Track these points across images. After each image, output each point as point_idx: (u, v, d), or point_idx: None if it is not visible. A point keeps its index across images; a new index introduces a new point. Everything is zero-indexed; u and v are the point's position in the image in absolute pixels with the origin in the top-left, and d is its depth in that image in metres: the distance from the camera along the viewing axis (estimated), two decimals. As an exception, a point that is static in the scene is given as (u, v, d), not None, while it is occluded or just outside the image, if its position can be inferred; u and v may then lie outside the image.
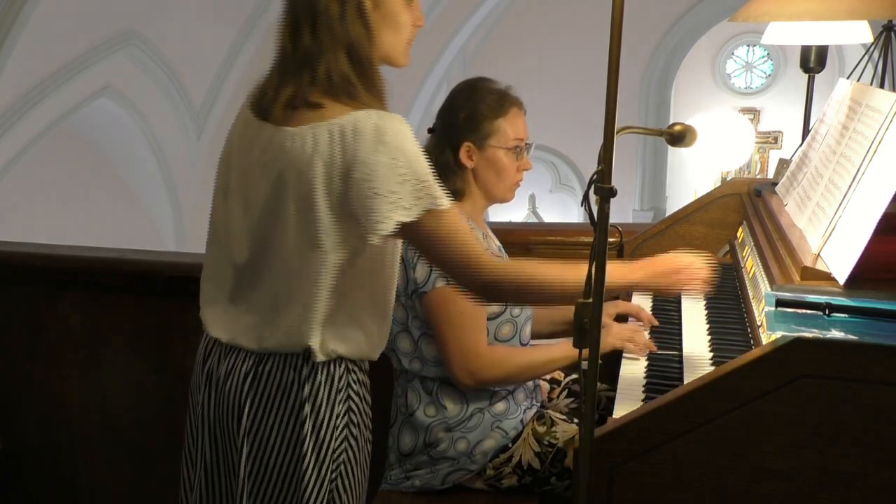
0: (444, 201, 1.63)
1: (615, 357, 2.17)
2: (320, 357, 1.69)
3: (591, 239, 1.49)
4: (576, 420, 2.21)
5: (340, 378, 1.74)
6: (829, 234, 1.87)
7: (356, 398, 1.76)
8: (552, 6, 9.61)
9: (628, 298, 2.56)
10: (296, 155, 1.61)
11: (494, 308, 2.11)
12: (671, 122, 2.78)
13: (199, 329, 1.88)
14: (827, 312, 1.67)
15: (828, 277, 1.77)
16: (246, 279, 1.74)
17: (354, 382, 1.76)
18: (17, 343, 2.84)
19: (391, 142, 1.57)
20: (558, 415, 2.23)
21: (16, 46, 5.31)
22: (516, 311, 2.15)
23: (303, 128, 1.61)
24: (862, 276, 1.70)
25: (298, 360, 1.71)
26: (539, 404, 2.26)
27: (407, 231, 1.61)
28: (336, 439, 1.74)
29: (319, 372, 1.72)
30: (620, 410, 1.78)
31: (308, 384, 1.70)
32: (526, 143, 2.15)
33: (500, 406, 2.14)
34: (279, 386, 1.71)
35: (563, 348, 2.15)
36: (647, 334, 2.20)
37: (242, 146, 1.73)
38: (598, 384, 2.24)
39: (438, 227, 1.63)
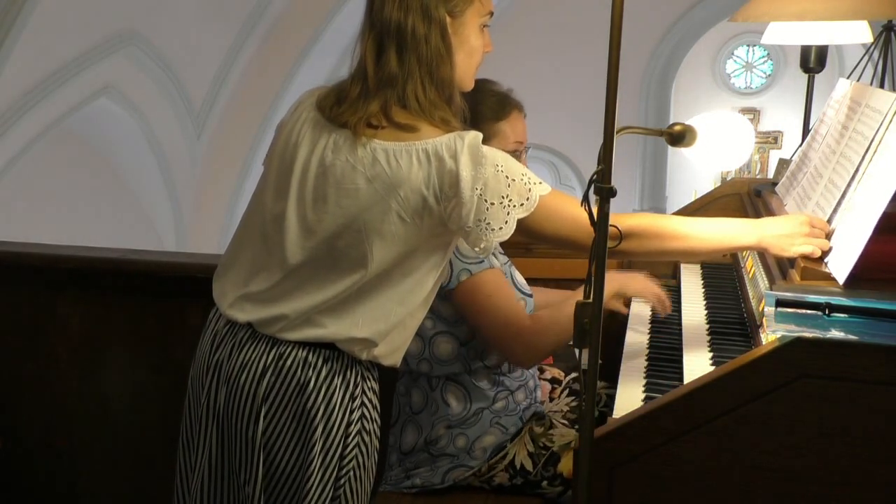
0: (546, 186, 1.72)
1: (615, 357, 2.17)
2: (363, 356, 1.73)
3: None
4: (577, 427, 2.21)
5: (356, 385, 1.76)
6: (829, 234, 1.87)
7: (369, 405, 1.79)
8: (552, 6, 9.61)
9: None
10: (390, 170, 1.65)
11: None
12: (671, 122, 2.78)
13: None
14: (827, 312, 1.67)
15: (828, 277, 1.77)
16: (298, 277, 1.73)
17: (368, 390, 1.79)
18: (18, 343, 2.84)
19: (487, 153, 1.66)
20: (560, 419, 2.22)
21: (15, 46, 5.31)
22: (521, 303, 2.15)
23: (398, 144, 1.66)
24: (862, 276, 1.70)
25: (318, 359, 1.72)
26: (539, 404, 2.26)
27: (524, 224, 1.70)
28: (348, 446, 1.75)
29: (336, 376, 1.73)
30: (621, 410, 1.78)
31: (324, 387, 1.72)
32: (525, 147, 2.16)
33: (499, 404, 2.14)
34: (296, 386, 1.72)
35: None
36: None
37: (309, 146, 1.73)
38: (598, 382, 2.24)
39: (550, 209, 1.71)
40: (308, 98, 1.80)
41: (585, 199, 1.53)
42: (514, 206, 1.68)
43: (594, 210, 1.48)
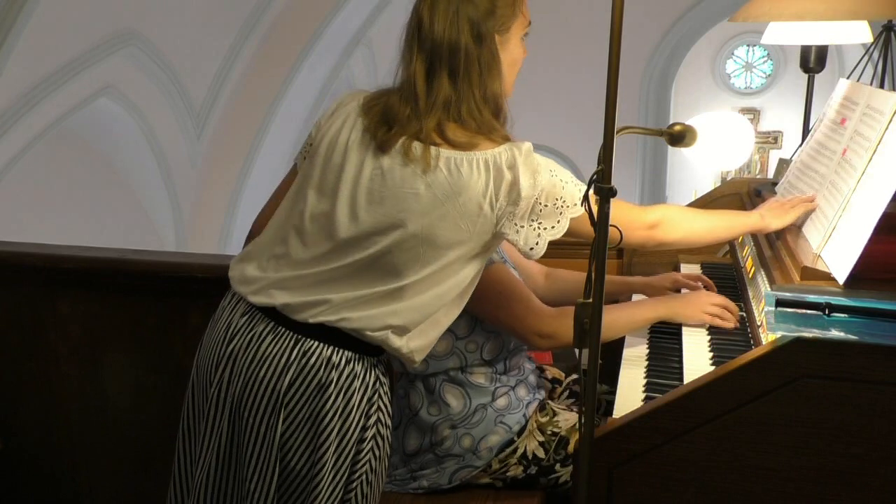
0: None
1: (615, 357, 2.17)
2: (395, 343, 1.73)
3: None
4: (575, 409, 2.21)
5: (374, 390, 1.77)
6: (830, 234, 1.87)
7: (384, 411, 1.80)
8: (552, 7, 9.61)
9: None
10: (451, 178, 1.68)
11: None
12: (671, 122, 2.78)
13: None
14: (827, 312, 1.67)
15: (828, 277, 1.77)
16: (344, 272, 1.73)
17: (384, 395, 1.81)
18: (17, 343, 2.84)
19: (541, 161, 1.74)
20: (559, 406, 2.23)
21: (16, 46, 5.30)
22: (533, 297, 2.15)
23: (458, 153, 1.69)
24: (862, 276, 1.70)
25: (341, 360, 1.72)
26: (541, 398, 2.26)
27: (571, 224, 1.76)
28: (362, 450, 1.76)
29: (356, 379, 1.74)
30: (621, 410, 1.78)
31: (344, 389, 1.73)
32: None
33: (502, 401, 2.14)
34: (317, 385, 1.72)
35: (646, 307, 2.21)
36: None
37: (363, 148, 1.74)
38: (599, 386, 2.25)
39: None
40: (350, 101, 1.81)
41: (585, 199, 1.54)
42: (568, 206, 1.75)
43: (594, 210, 1.48)
